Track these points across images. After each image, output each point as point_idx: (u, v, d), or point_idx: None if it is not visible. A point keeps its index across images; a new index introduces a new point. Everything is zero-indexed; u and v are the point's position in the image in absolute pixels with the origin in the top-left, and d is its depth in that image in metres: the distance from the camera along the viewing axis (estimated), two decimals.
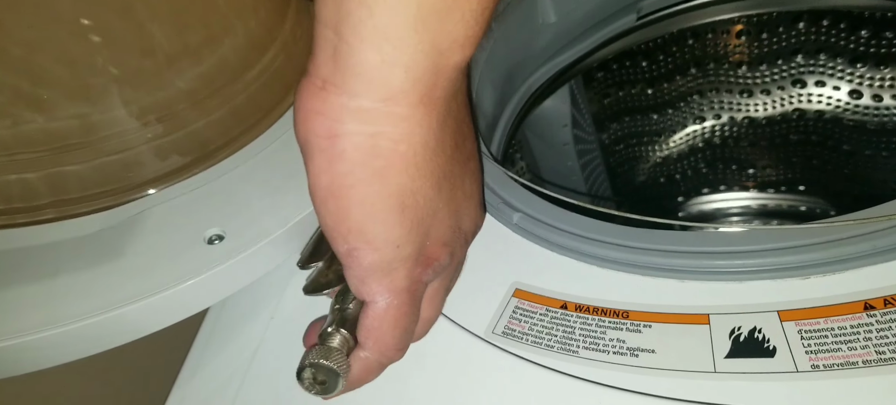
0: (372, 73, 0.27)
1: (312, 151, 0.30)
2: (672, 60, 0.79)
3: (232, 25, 0.47)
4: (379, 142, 0.29)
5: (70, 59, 0.40)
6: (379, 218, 0.30)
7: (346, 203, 0.30)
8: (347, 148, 0.29)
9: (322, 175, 0.30)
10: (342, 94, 0.28)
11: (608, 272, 0.38)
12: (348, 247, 0.31)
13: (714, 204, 0.88)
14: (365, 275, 0.32)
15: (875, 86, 0.72)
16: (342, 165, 0.29)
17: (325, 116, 0.29)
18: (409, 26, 0.26)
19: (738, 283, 0.35)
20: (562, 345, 0.35)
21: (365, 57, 0.27)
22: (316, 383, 0.33)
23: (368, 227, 0.30)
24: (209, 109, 0.46)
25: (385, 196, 0.30)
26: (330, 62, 0.28)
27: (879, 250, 0.33)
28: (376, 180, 0.30)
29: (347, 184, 0.30)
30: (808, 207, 0.83)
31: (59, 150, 0.40)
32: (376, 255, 0.31)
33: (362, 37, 0.27)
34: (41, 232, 0.40)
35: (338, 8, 0.27)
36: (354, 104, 0.28)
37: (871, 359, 0.29)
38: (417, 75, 0.28)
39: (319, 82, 0.29)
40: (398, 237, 0.31)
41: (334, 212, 0.31)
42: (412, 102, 0.29)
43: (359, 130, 0.29)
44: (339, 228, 0.31)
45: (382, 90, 0.28)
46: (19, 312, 0.35)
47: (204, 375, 0.41)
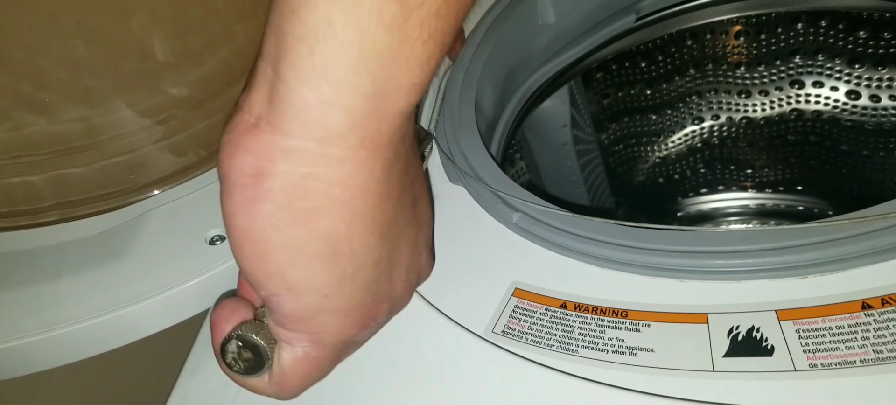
0: (308, 112, 0.26)
1: (232, 189, 0.28)
2: (671, 61, 0.79)
3: (232, 29, 0.47)
4: (309, 183, 0.27)
5: (72, 63, 0.40)
6: (302, 264, 0.29)
7: (266, 247, 0.28)
8: (274, 188, 0.27)
9: (240, 215, 0.28)
10: (275, 132, 0.27)
11: (607, 271, 0.39)
12: (267, 293, 0.29)
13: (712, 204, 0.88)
14: (285, 321, 0.30)
15: (873, 86, 0.72)
16: (265, 206, 0.27)
17: (254, 154, 0.27)
18: (349, 68, 0.25)
19: (736, 283, 0.35)
20: (561, 345, 0.35)
21: (302, 96, 0.26)
22: (240, 360, 0.31)
23: (290, 273, 0.29)
24: (210, 111, 0.46)
25: (311, 240, 0.28)
26: (266, 99, 0.27)
27: (877, 250, 0.33)
28: (302, 223, 0.28)
29: (270, 225, 0.28)
30: (806, 207, 0.83)
31: (62, 152, 0.41)
32: (298, 303, 0.30)
33: (300, 75, 0.26)
34: (44, 234, 0.40)
35: (278, 43, 0.26)
36: (287, 143, 0.27)
37: (868, 359, 0.29)
38: (357, 118, 0.27)
39: (252, 119, 0.27)
40: (326, 285, 0.29)
41: (251, 256, 0.29)
42: (352, 145, 0.27)
43: (288, 170, 0.27)
44: (257, 273, 0.29)
45: (318, 131, 0.27)
46: (23, 313, 0.35)
47: (204, 375, 0.41)
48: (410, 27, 0.25)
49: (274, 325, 0.31)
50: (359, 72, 0.25)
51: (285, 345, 0.31)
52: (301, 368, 0.32)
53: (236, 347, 0.31)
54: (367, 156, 0.28)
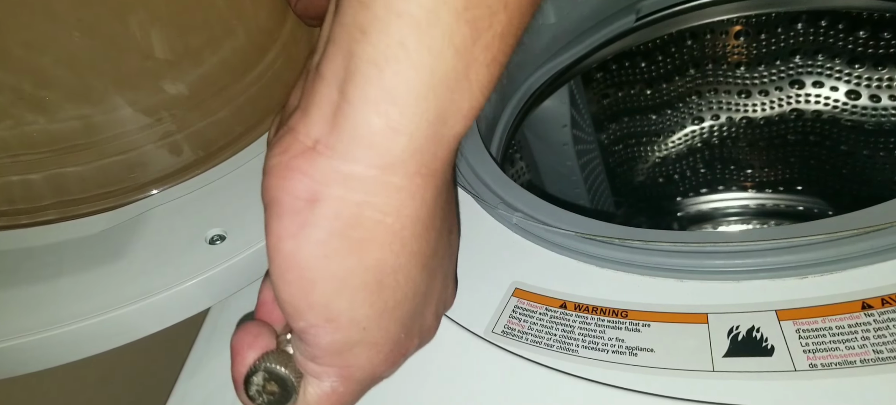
0: (374, 137, 0.25)
1: (282, 212, 0.27)
2: (671, 61, 0.79)
3: (232, 27, 0.47)
4: (364, 211, 0.26)
5: (72, 61, 0.40)
6: (347, 295, 0.28)
7: (313, 276, 0.27)
8: (327, 214, 0.26)
9: (289, 240, 0.27)
10: (335, 157, 0.26)
11: (607, 271, 0.39)
12: (306, 324, 0.28)
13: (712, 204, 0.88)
14: (318, 354, 0.29)
15: (873, 86, 0.72)
16: (316, 232, 0.26)
17: (310, 178, 0.26)
18: (418, 92, 0.25)
19: (736, 283, 0.35)
20: (561, 345, 0.35)
21: (368, 120, 0.25)
22: (264, 392, 0.30)
23: (334, 304, 0.28)
24: (210, 110, 0.46)
25: (359, 271, 0.27)
26: (327, 122, 0.26)
27: (877, 250, 0.33)
28: (352, 253, 0.27)
29: (320, 253, 0.27)
30: (805, 207, 0.83)
31: (62, 151, 0.41)
32: (336, 336, 0.28)
33: (369, 98, 0.25)
34: (44, 233, 0.40)
35: (346, 65, 0.25)
36: (347, 169, 0.26)
37: (868, 358, 0.29)
38: (419, 145, 0.26)
39: (309, 141, 0.26)
40: (366, 318, 0.28)
41: (296, 284, 0.27)
42: (409, 172, 0.27)
43: (344, 197, 0.26)
44: (299, 302, 0.28)
45: (382, 157, 0.26)
46: (22, 312, 0.35)
47: (204, 375, 0.41)
48: (477, 50, 0.25)
49: (302, 358, 0.30)
50: (427, 96, 0.25)
51: (313, 379, 0.30)
52: (326, 404, 0.31)
53: (262, 380, 0.30)
54: (421, 183, 0.27)
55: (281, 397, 0.30)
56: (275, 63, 0.50)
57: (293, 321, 0.29)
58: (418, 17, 0.23)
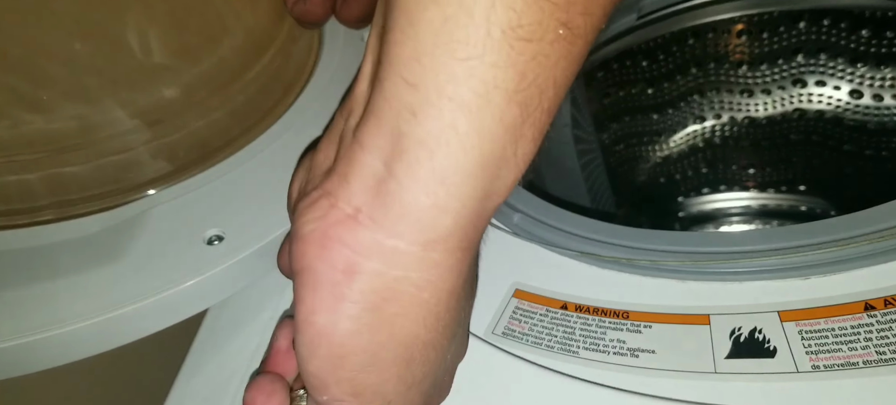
0: (419, 214, 0.25)
1: (319, 283, 0.26)
2: (672, 60, 0.78)
3: (230, 26, 0.47)
4: (401, 286, 0.26)
5: (69, 60, 0.40)
6: (376, 370, 0.27)
7: (344, 351, 0.26)
8: (364, 289, 0.26)
9: (323, 313, 0.26)
10: (378, 230, 0.26)
11: (608, 272, 0.38)
12: (329, 398, 0.28)
13: (714, 204, 0.87)
14: None
15: (876, 86, 0.72)
16: (351, 307, 0.26)
17: (350, 249, 0.26)
18: (468, 173, 0.24)
19: (738, 284, 0.35)
20: (562, 346, 0.35)
21: (415, 198, 0.25)
22: None
23: (361, 379, 0.27)
24: (208, 110, 0.46)
25: (392, 346, 0.27)
26: (370, 193, 0.26)
27: (880, 251, 0.33)
28: (385, 328, 0.26)
29: (353, 328, 0.26)
30: (808, 207, 0.83)
31: (59, 151, 0.40)
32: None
33: (418, 178, 0.24)
34: (40, 233, 0.40)
35: (393, 143, 0.25)
36: (390, 244, 0.26)
37: (871, 360, 0.29)
38: (463, 222, 0.26)
39: (350, 210, 0.26)
40: (393, 392, 0.28)
41: (326, 358, 0.27)
42: (450, 248, 0.26)
43: (383, 272, 0.26)
44: (326, 377, 0.27)
45: (425, 234, 0.25)
46: (19, 313, 0.35)
47: (203, 376, 0.41)
48: (526, 127, 0.25)
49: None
50: (475, 175, 0.25)
51: None
52: None
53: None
54: (460, 257, 0.27)
55: None
56: (273, 63, 0.50)
57: (317, 393, 0.28)
58: (470, 101, 0.23)
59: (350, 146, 0.27)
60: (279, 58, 0.51)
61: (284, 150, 0.46)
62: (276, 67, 0.50)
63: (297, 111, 0.50)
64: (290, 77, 0.52)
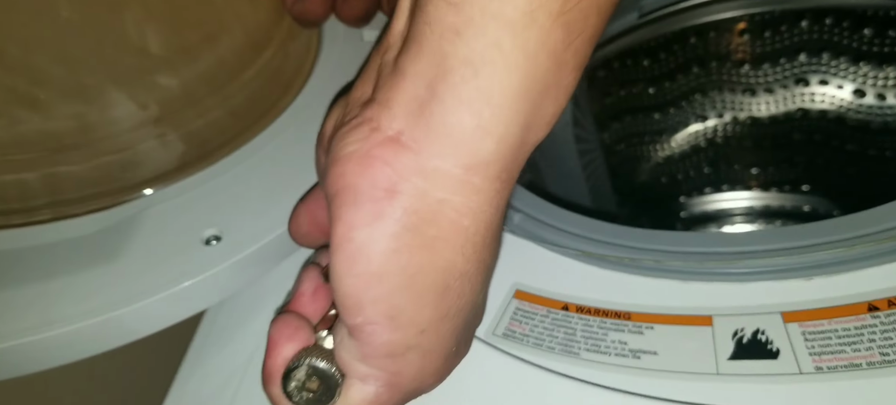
0: (463, 136, 0.25)
1: (360, 200, 0.26)
2: (674, 59, 0.78)
3: (229, 25, 0.47)
4: (442, 209, 0.26)
5: (66, 59, 0.40)
6: (413, 294, 0.27)
7: (382, 269, 0.26)
8: (406, 208, 0.26)
9: (362, 229, 0.26)
10: (421, 151, 0.26)
11: (610, 273, 0.38)
12: (363, 320, 0.27)
13: (717, 204, 0.87)
14: (370, 353, 0.28)
15: (878, 85, 0.72)
16: (391, 225, 0.26)
17: (391, 168, 0.26)
18: (512, 95, 0.25)
19: (741, 284, 0.35)
20: (563, 347, 0.35)
21: (460, 119, 0.25)
22: (304, 389, 0.29)
23: (397, 301, 0.27)
24: (207, 109, 0.46)
25: (429, 270, 0.27)
26: (412, 116, 0.26)
27: (884, 251, 0.33)
28: (425, 251, 0.26)
29: (392, 246, 0.26)
30: (811, 207, 0.83)
31: (56, 150, 0.40)
32: (393, 336, 0.27)
33: (462, 98, 0.25)
34: (37, 233, 0.40)
35: (436, 65, 0.25)
36: (432, 164, 0.26)
37: (875, 361, 0.29)
38: (505, 149, 0.26)
39: (392, 132, 0.26)
40: (426, 322, 0.27)
41: (362, 275, 0.26)
42: (491, 176, 0.26)
43: (425, 192, 0.26)
44: (362, 295, 0.27)
45: (468, 157, 0.26)
46: (15, 314, 0.35)
47: (201, 378, 0.41)
48: (568, 54, 0.25)
49: (348, 358, 0.29)
50: (519, 99, 0.25)
51: (357, 382, 0.29)
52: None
53: (304, 375, 0.29)
54: (499, 189, 0.27)
55: (322, 396, 0.29)
56: (272, 61, 0.50)
57: (351, 316, 0.27)
58: (514, 19, 0.23)
59: (390, 76, 0.27)
60: (278, 56, 0.50)
61: (283, 149, 0.46)
62: (275, 66, 0.50)
63: (296, 110, 0.49)
64: (289, 76, 0.52)
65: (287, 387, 0.29)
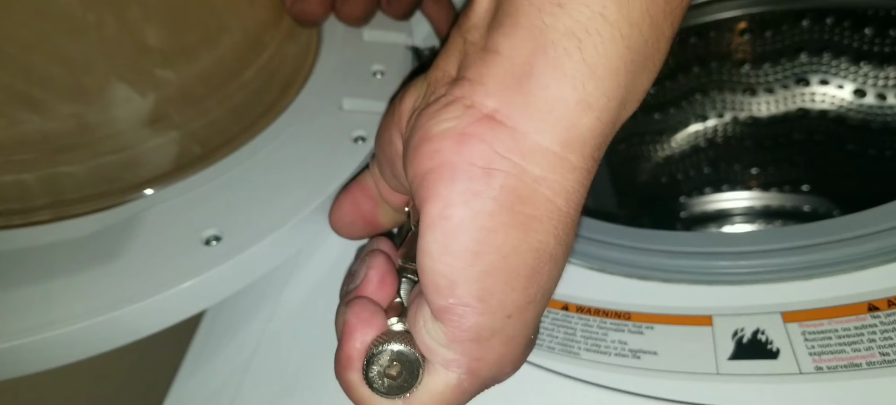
0: (564, 111, 0.25)
1: (457, 178, 0.26)
2: (674, 58, 0.78)
3: (229, 24, 0.46)
4: (538, 188, 0.26)
5: (66, 59, 0.40)
6: (505, 275, 0.26)
7: (477, 247, 0.26)
8: (504, 185, 0.25)
9: (460, 206, 0.26)
10: (518, 128, 0.25)
11: (610, 273, 0.38)
12: (455, 302, 0.26)
13: (717, 204, 0.87)
14: (457, 339, 0.27)
15: (879, 85, 0.72)
16: (488, 203, 0.25)
17: (488, 145, 0.25)
18: (616, 66, 0.24)
19: (741, 285, 0.35)
20: (563, 347, 0.35)
21: (562, 93, 0.25)
22: (384, 376, 0.28)
23: (489, 283, 0.26)
24: (206, 109, 0.46)
25: (522, 251, 0.26)
26: (508, 93, 0.26)
27: (883, 251, 0.33)
28: (519, 231, 0.26)
29: (488, 225, 0.25)
30: (811, 208, 0.83)
31: (55, 150, 0.40)
32: (483, 319, 0.26)
33: (565, 71, 0.24)
34: (37, 233, 0.40)
35: (535, 40, 0.25)
36: (530, 141, 0.25)
37: (875, 361, 0.29)
38: (602, 125, 0.26)
39: (487, 110, 0.26)
40: (513, 305, 0.27)
41: (458, 254, 0.26)
42: (586, 154, 0.26)
43: (522, 170, 0.25)
44: (456, 275, 0.26)
45: (566, 133, 0.25)
46: (15, 315, 0.35)
47: (201, 378, 0.41)
48: (665, 24, 0.25)
49: (432, 343, 0.28)
50: (621, 70, 0.25)
51: (440, 368, 0.28)
52: (449, 398, 0.28)
53: (387, 361, 0.28)
54: (590, 169, 0.27)
55: (404, 382, 0.28)
56: (272, 61, 0.50)
57: (442, 296, 0.27)
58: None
59: (481, 53, 0.27)
60: (277, 56, 0.50)
61: (283, 149, 0.46)
62: (274, 66, 0.50)
63: (295, 110, 0.49)
64: (288, 76, 0.52)
65: (369, 372, 0.28)
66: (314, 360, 0.39)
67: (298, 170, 0.44)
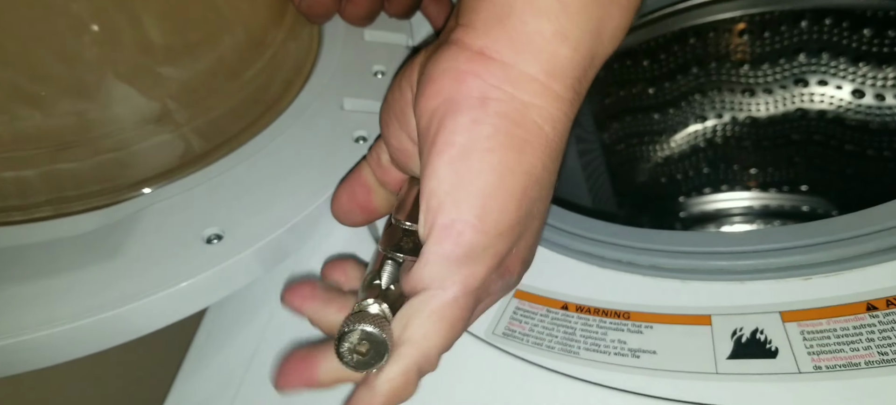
0: (542, 43, 0.29)
1: (459, 109, 0.29)
2: (674, 59, 0.78)
3: (231, 23, 0.46)
4: (528, 112, 0.29)
5: (68, 56, 0.40)
6: (501, 194, 0.29)
7: (477, 167, 0.29)
8: (499, 111, 0.29)
9: (463, 133, 0.29)
10: (505, 61, 0.29)
11: (609, 272, 0.38)
12: (455, 218, 0.29)
13: (716, 204, 0.87)
14: (454, 256, 0.30)
15: (877, 85, 0.72)
16: (486, 128, 0.29)
17: (482, 79, 0.29)
18: (585, 2, 0.29)
19: (740, 284, 0.35)
20: (563, 346, 0.35)
21: (539, 27, 0.29)
22: (354, 352, 0.30)
23: (485, 202, 0.29)
24: (208, 108, 0.46)
25: (516, 171, 0.29)
26: (494, 30, 0.29)
27: (882, 250, 0.33)
28: (514, 151, 0.29)
29: (486, 147, 0.29)
30: (810, 207, 0.83)
31: (56, 147, 0.40)
32: (478, 237, 0.29)
33: (540, 8, 0.28)
34: (37, 230, 0.40)
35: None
36: (517, 71, 0.29)
37: (873, 360, 0.29)
38: (579, 57, 0.29)
39: (477, 48, 0.30)
40: (505, 225, 0.30)
41: (460, 173, 0.29)
42: (567, 85, 0.30)
43: (514, 96, 0.29)
44: (456, 192, 0.29)
45: (548, 63, 0.29)
46: (15, 312, 0.35)
47: (202, 377, 0.41)
48: None
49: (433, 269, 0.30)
50: (590, 6, 0.29)
51: (437, 291, 0.30)
52: (449, 317, 0.31)
53: (357, 339, 0.30)
54: (573, 101, 0.30)
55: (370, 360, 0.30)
56: (274, 60, 0.50)
57: (445, 214, 0.30)
58: None
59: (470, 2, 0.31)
60: (279, 56, 0.50)
61: (284, 147, 0.46)
62: (275, 65, 0.50)
63: (296, 109, 0.49)
64: (289, 75, 0.52)
65: (340, 348, 0.30)
66: None
67: (299, 169, 0.44)
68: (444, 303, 0.30)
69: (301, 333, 0.41)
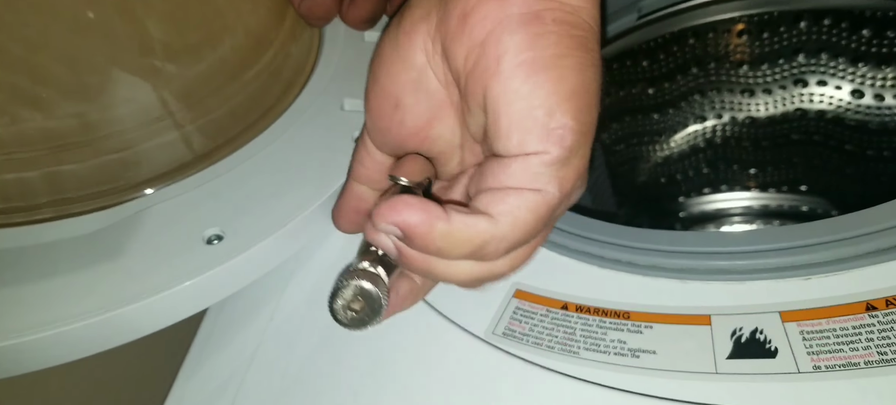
0: None
1: (515, 29, 0.30)
2: (673, 60, 0.78)
3: (231, 24, 0.47)
4: (580, 14, 0.30)
5: (69, 57, 0.40)
6: (585, 93, 0.30)
7: (557, 74, 0.29)
8: (556, 18, 0.30)
9: (528, 50, 0.29)
10: None
11: (609, 272, 0.38)
12: (556, 124, 0.30)
13: (715, 204, 0.87)
14: (554, 160, 0.30)
15: (877, 85, 0.72)
16: (551, 37, 0.29)
17: None
18: None
19: (739, 284, 0.35)
20: (562, 346, 0.35)
21: None
22: (348, 310, 0.30)
23: (576, 102, 0.30)
24: (208, 108, 0.46)
25: (590, 68, 0.30)
26: None
27: (881, 250, 0.33)
28: (582, 50, 0.30)
29: (558, 53, 0.29)
30: (810, 207, 0.83)
31: (58, 148, 0.40)
32: (577, 138, 0.30)
33: None
34: (39, 231, 0.40)
35: None
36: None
37: (873, 360, 0.29)
38: None
39: None
40: (592, 120, 0.31)
41: (542, 85, 0.29)
42: None
43: (562, 3, 0.30)
44: (552, 97, 0.29)
45: None
46: (17, 312, 0.35)
47: (202, 377, 0.41)
48: None
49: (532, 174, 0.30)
50: None
51: (537, 194, 0.31)
52: (542, 212, 0.31)
53: (351, 295, 0.30)
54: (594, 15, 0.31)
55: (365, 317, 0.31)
56: (274, 61, 0.50)
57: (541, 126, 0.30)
58: None
59: None
60: (279, 57, 0.50)
61: (284, 149, 0.46)
62: (276, 66, 0.50)
63: (297, 110, 0.50)
64: (290, 76, 0.52)
65: (333, 304, 0.30)
66: (316, 359, 0.39)
67: (300, 169, 0.44)
68: (538, 203, 0.31)
69: (302, 333, 0.41)
